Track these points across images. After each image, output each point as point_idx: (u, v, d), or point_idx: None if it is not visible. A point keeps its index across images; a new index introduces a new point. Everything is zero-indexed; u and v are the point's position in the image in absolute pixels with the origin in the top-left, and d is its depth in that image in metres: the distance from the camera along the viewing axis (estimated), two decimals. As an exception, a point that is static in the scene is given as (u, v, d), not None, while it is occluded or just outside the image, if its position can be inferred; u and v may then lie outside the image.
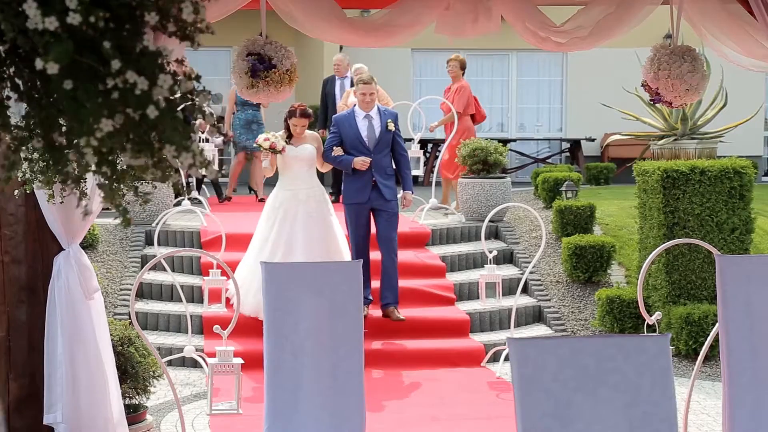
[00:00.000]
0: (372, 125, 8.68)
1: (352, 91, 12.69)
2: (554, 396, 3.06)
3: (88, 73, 2.24)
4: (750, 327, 4.51)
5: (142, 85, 2.25)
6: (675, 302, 8.77)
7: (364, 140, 8.62)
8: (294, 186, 8.61)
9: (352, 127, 8.66)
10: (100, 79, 2.24)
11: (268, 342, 4.43)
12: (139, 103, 2.26)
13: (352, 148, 8.60)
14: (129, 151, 2.33)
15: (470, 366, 8.42)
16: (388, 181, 8.67)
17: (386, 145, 8.70)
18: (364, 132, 8.65)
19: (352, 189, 8.66)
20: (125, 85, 2.24)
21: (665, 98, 5.58)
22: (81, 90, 2.22)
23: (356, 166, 8.53)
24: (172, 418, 6.89)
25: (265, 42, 5.02)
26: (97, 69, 2.24)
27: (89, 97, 2.23)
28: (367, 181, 8.57)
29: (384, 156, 8.70)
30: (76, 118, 2.26)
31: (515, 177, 16.46)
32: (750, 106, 12.83)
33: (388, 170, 8.73)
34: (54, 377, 4.50)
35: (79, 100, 2.22)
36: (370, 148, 8.62)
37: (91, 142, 2.25)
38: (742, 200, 8.90)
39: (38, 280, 4.53)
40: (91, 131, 2.24)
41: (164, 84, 2.29)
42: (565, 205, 10.76)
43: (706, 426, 6.80)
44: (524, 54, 18.02)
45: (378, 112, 8.75)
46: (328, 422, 4.39)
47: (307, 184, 8.65)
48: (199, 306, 8.79)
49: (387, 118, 8.74)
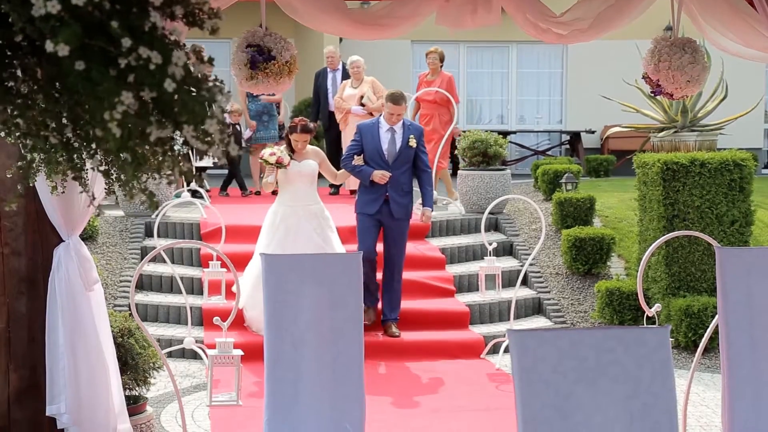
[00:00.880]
0: (394, 139, 8.34)
1: (347, 83, 12.62)
2: (554, 387, 3.06)
3: (99, 56, 2.24)
4: (750, 319, 4.51)
5: (156, 59, 2.24)
6: (675, 294, 8.77)
7: (383, 153, 8.29)
8: (294, 202, 8.35)
9: (374, 138, 8.33)
10: (112, 61, 2.24)
11: (268, 333, 4.44)
12: (154, 79, 2.25)
13: (371, 159, 8.29)
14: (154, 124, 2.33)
15: (470, 358, 8.43)
16: (402, 198, 8.33)
17: (406, 161, 8.33)
18: (384, 145, 8.31)
19: (363, 199, 8.38)
20: (138, 62, 2.23)
21: (666, 90, 5.57)
22: (94, 71, 2.22)
23: (375, 179, 8.20)
24: (172, 409, 6.90)
25: (264, 33, 5.01)
26: (108, 50, 2.24)
27: (104, 78, 2.22)
28: (380, 195, 8.28)
29: (402, 173, 8.32)
30: (93, 95, 2.25)
31: (515, 169, 16.45)
32: (750, 98, 12.81)
33: (405, 187, 8.36)
34: (56, 369, 4.50)
35: (94, 80, 2.22)
36: (389, 162, 8.29)
37: (114, 115, 2.24)
38: (742, 192, 8.90)
39: (38, 272, 4.53)
40: (112, 105, 2.24)
41: (179, 61, 2.29)
42: (565, 197, 10.76)
43: (706, 417, 6.81)
44: (524, 46, 17.99)
45: (402, 126, 8.38)
46: (328, 413, 4.39)
47: (307, 200, 8.39)
48: (199, 297, 8.79)
49: (410, 134, 8.35)
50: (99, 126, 2.31)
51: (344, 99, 12.52)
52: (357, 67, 12.44)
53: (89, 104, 2.30)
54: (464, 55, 18.16)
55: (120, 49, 2.23)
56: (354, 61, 12.42)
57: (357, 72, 12.44)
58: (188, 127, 2.35)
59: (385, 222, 8.34)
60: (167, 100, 2.30)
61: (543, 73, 18.38)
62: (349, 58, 12.67)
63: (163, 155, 2.44)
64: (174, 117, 2.35)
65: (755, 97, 13.55)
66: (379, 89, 12.23)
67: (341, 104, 12.54)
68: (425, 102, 12.17)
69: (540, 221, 10.50)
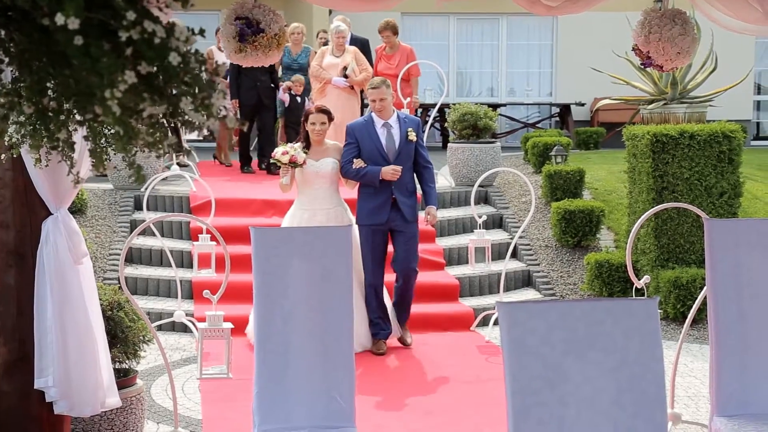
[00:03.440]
0: (391, 134, 7.57)
1: (326, 50, 11.75)
2: (543, 359, 3.08)
3: (98, 29, 2.22)
4: (737, 291, 4.53)
5: (160, 33, 2.23)
6: (663, 266, 8.81)
7: (384, 151, 7.52)
8: (313, 206, 7.49)
9: (371, 136, 7.53)
10: (110, 34, 2.22)
11: (257, 307, 4.44)
12: (158, 53, 2.24)
13: (370, 160, 7.48)
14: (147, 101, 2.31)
15: (460, 330, 8.47)
16: (409, 198, 7.58)
17: (408, 157, 7.58)
18: (383, 142, 7.57)
19: (367, 208, 7.52)
20: (142, 35, 2.21)
21: (656, 62, 5.56)
22: (93, 47, 2.20)
23: (386, 177, 7.39)
24: (162, 382, 6.91)
25: (253, 6, 4.98)
26: (107, 24, 2.22)
27: (103, 53, 2.21)
28: (386, 199, 7.49)
29: (406, 170, 7.56)
30: (93, 72, 2.23)
31: (505, 142, 16.45)
32: (740, 70, 12.80)
33: (410, 186, 7.63)
34: (44, 342, 4.50)
35: (93, 56, 2.20)
36: (391, 160, 7.51)
37: (115, 93, 2.23)
38: (731, 164, 8.92)
39: (27, 245, 4.52)
40: (113, 83, 2.22)
41: (181, 36, 2.28)
42: (555, 169, 10.77)
43: (694, 388, 6.85)
44: (514, 18, 17.92)
45: (398, 119, 7.63)
46: (318, 386, 4.41)
47: (328, 203, 7.52)
48: (189, 271, 8.79)
49: (407, 127, 7.60)
50: (98, 103, 2.30)
51: (324, 68, 11.65)
52: (342, 37, 11.66)
53: (89, 80, 2.28)
54: (454, 27, 18.10)
55: (121, 23, 2.21)
56: (341, 30, 11.68)
57: (341, 41, 11.64)
58: (186, 99, 2.34)
59: (397, 228, 7.57)
60: (170, 74, 2.29)
61: (533, 46, 18.33)
62: (333, 24, 11.98)
63: (154, 128, 2.43)
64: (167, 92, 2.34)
65: (744, 68, 13.54)
66: (362, 61, 11.64)
67: (320, 73, 11.60)
68: (386, 76, 11.19)
69: (530, 194, 10.51)
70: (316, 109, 7.55)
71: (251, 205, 10.10)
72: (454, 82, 17.92)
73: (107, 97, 2.23)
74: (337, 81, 11.53)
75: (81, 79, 2.28)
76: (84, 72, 2.24)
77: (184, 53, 2.30)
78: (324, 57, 11.73)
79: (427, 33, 18.13)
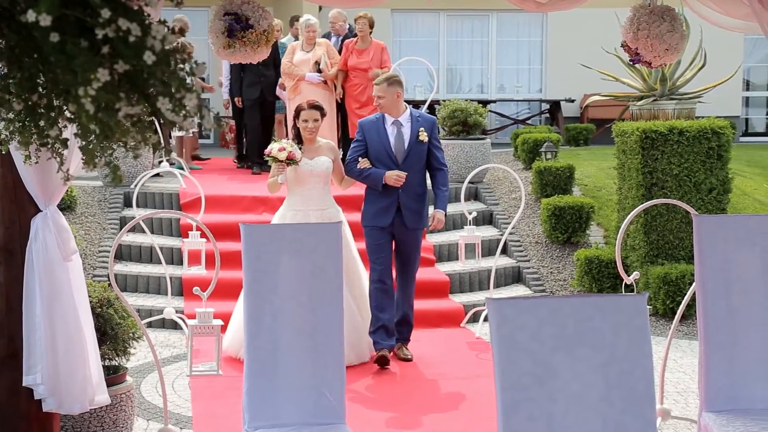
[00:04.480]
0: (401, 133, 7.13)
1: (296, 46, 11.45)
2: (533, 355, 3.08)
3: (75, 26, 2.21)
4: (726, 286, 4.55)
5: (135, 31, 2.21)
6: (653, 262, 8.83)
7: (391, 151, 7.11)
8: (306, 206, 7.11)
9: (380, 135, 7.11)
10: (88, 32, 2.21)
11: (247, 303, 4.44)
12: (133, 51, 2.23)
13: (376, 160, 7.10)
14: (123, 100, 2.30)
15: (450, 326, 8.48)
16: (416, 204, 7.16)
17: (418, 159, 7.12)
18: (391, 141, 7.15)
19: (372, 210, 7.17)
20: (117, 34, 2.20)
21: (645, 58, 5.58)
22: (69, 44, 2.19)
23: (389, 182, 7.01)
24: (153, 379, 6.91)
25: (242, 1, 4.97)
26: (84, 21, 2.21)
27: (79, 50, 2.20)
28: (392, 203, 7.10)
29: (415, 173, 7.12)
30: (68, 69, 2.22)
31: (495, 138, 16.45)
32: (729, 67, 12.84)
33: (418, 190, 7.17)
34: (33, 339, 4.49)
35: (69, 53, 2.19)
36: (398, 161, 7.10)
37: (89, 91, 2.21)
38: (720, 160, 8.94)
39: (15, 242, 4.50)
40: (87, 81, 2.21)
41: (157, 34, 2.26)
42: (545, 166, 10.79)
43: (683, 384, 6.88)
44: (504, 14, 17.93)
45: (410, 118, 7.18)
46: (308, 382, 4.41)
47: (322, 204, 7.16)
48: (179, 268, 8.78)
49: (419, 126, 7.13)
50: (73, 101, 2.29)
51: (295, 64, 11.36)
52: (313, 31, 11.31)
53: (64, 77, 2.28)
54: (444, 23, 18.09)
55: (97, 20, 2.20)
56: (311, 24, 11.29)
57: (312, 35, 11.33)
58: (164, 99, 2.33)
59: (396, 234, 7.20)
60: (147, 73, 2.28)
61: (523, 42, 18.34)
62: (302, 18, 11.57)
63: (132, 126, 2.42)
64: (146, 90, 2.33)
65: (733, 65, 13.57)
66: (333, 54, 11.34)
67: (292, 70, 11.29)
68: (358, 71, 11.29)
69: (519, 190, 10.52)
70: (309, 105, 7.14)
71: (241, 202, 10.09)
72: (444, 78, 17.91)
73: (81, 95, 2.22)
74: (311, 77, 11.26)
75: (57, 76, 2.28)
76: (59, 69, 2.24)
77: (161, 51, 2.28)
78: (294, 53, 11.40)
79: (417, 29, 18.12)
